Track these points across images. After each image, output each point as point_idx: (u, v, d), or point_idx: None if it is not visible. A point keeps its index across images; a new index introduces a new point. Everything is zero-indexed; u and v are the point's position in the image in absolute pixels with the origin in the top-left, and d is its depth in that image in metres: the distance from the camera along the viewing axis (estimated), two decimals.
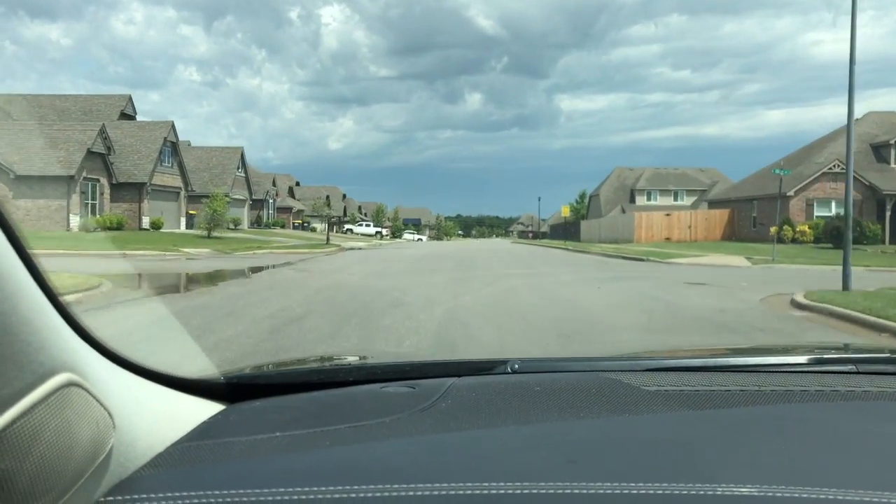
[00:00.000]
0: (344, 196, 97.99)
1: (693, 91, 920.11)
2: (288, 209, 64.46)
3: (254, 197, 54.10)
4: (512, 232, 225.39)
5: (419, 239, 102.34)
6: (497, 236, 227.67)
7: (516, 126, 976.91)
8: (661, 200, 69.58)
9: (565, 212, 47.86)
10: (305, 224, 70.08)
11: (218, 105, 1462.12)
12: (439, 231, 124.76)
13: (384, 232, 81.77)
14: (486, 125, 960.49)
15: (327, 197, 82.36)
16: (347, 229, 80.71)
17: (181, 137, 44.37)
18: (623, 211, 68.46)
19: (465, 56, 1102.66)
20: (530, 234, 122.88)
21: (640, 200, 69.80)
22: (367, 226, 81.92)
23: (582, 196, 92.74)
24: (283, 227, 58.09)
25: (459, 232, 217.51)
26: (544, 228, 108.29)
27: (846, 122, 12.79)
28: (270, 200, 58.50)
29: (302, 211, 68.42)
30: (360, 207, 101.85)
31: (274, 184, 61.77)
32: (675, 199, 69.79)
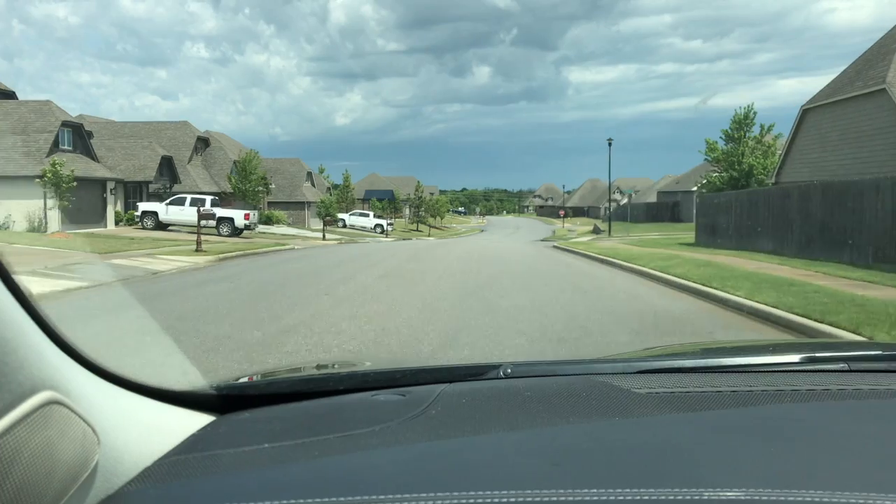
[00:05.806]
0: (204, 144, 48.94)
1: (704, 61, 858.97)
2: None
3: None
4: (527, 207, 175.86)
5: (378, 226, 54.60)
6: (508, 213, 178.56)
7: (524, 99, 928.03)
8: None
9: None
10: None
11: (226, 82, 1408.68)
12: (420, 210, 75.29)
13: (250, 220, 32.71)
14: (493, 98, 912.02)
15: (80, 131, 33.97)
16: (142, 213, 32.90)
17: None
18: None
19: (475, 29, 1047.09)
20: (561, 213, 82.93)
21: None
22: (205, 204, 33.53)
23: (739, 123, 36.81)
24: None
25: (460, 209, 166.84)
26: (575, 201, 59.20)
27: None
28: None
29: None
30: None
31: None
32: None
